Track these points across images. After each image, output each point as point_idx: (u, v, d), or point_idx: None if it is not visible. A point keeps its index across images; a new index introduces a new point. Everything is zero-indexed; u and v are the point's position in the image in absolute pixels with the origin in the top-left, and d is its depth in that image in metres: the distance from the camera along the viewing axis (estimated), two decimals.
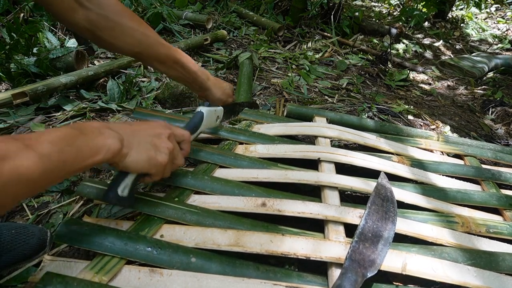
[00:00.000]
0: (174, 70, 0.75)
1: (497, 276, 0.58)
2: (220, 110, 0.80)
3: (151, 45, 0.69)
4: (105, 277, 0.49)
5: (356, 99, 1.48)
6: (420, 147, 1.01)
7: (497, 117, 1.54)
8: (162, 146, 0.53)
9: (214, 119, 0.78)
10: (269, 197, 0.69)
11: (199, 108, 0.73)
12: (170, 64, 0.73)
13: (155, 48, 0.70)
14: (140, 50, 0.68)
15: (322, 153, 0.83)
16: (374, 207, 0.67)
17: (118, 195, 0.52)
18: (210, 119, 0.75)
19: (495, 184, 0.89)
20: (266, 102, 1.35)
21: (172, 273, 0.51)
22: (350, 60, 1.99)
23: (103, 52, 1.54)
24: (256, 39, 2.13)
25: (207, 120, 0.73)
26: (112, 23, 0.63)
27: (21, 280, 0.57)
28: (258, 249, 0.56)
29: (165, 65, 0.73)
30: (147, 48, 0.69)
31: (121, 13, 0.64)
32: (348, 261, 0.55)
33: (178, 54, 0.74)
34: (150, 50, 0.69)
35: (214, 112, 0.76)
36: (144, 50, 0.69)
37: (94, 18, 0.60)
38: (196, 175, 0.72)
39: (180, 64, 0.75)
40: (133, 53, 0.69)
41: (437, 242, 0.64)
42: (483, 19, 3.99)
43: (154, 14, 1.80)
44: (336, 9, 2.39)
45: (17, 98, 1.00)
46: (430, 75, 2.02)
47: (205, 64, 1.65)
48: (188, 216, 0.61)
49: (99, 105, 1.09)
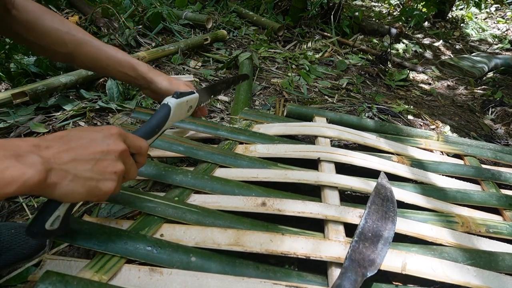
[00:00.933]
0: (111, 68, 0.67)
1: (497, 276, 0.58)
2: (193, 98, 0.65)
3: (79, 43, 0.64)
4: (105, 276, 0.49)
5: (356, 99, 1.48)
6: (420, 147, 1.02)
7: (497, 117, 1.54)
8: (108, 172, 0.43)
9: (185, 110, 0.64)
10: (269, 196, 0.69)
11: (166, 99, 0.59)
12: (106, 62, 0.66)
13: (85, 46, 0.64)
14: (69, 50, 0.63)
15: (322, 153, 0.83)
16: (374, 207, 0.67)
17: (45, 229, 0.43)
18: (179, 112, 0.62)
19: (495, 184, 0.89)
20: (266, 102, 1.35)
21: (172, 272, 0.51)
22: (350, 60, 2.00)
23: None
24: (256, 39, 2.13)
25: (175, 114, 0.60)
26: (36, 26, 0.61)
27: (21, 279, 0.57)
28: (258, 248, 0.56)
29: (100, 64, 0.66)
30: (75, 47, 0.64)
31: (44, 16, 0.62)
32: (348, 260, 0.55)
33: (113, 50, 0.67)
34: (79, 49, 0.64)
35: (186, 102, 0.63)
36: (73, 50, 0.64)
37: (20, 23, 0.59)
38: (196, 174, 0.72)
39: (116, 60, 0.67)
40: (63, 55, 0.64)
41: (437, 242, 0.64)
42: (483, 19, 3.99)
43: (154, 14, 1.80)
44: (336, 9, 2.39)
45: (17, 97, 1.00)
46: (430, 75, 2.02)
47: (205, 64, 1.65)
48: (188, 216, 0.61)
49: (99, 105, 1.09)
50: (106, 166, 0.42)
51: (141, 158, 0.51)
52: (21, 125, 0.96)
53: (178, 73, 1.48)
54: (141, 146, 0.50)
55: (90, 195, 0.42)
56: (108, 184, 0.43)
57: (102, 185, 0.42)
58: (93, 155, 0.42)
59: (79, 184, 0.40)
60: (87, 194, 0.41)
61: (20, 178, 0.34)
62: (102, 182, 0.42)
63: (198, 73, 1.52)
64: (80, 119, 1.04)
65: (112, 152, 0.43)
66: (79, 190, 0.40)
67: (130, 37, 1.63)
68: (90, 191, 0.41)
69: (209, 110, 1.21)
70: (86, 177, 0.41)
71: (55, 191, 0.38)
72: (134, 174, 0.50)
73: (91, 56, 0.65)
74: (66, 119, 1.02)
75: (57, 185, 0.38)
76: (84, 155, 0.41)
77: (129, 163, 0.47)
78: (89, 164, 0.41)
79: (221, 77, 1.52)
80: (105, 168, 0.42)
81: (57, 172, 0.38)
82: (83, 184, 0.40)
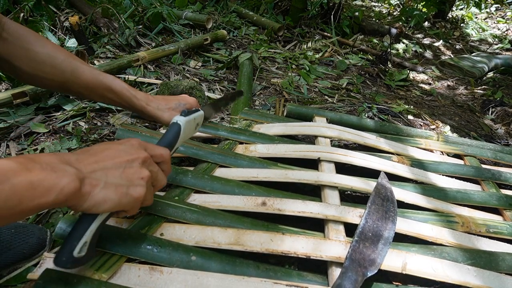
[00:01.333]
0: (107, 98, 0.66)
1: (497, 276, 0.58)
2: (199, 116, 0.66)
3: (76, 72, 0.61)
4: (105, 275, 0.49)
5: (356, 99, 1.48)
6: (420, 147, 1.02)
7: (497, 117, 1.54)
8: (136, 178, 0.44)
9: (193, 128, 0.64)
10: (269, 196, 0.69)
11: (175, 118, 0.59)
12: (101, 92, 0.64)
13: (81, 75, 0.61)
14: (65, 79, 0.60)
15: (322, 152, 0.83)
16: (374, 207, 0.67)
17: (73, 257, 0.42)
18: (189, 130, 0.62)
19: (495, 184, 0.89)
20: (266, 102, 1.35)
21: (172, 271, 0.51)
22: (350, 60, 2.00)
23: (103, 52, 1.54)
24: (256, 39, 2.13)
25: (185, 132, 0.60)
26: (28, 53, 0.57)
27: (21, 279, 0.57)
28: (258, 248, 0.56)
29: (96, 93, 0.64)
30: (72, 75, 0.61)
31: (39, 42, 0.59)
32: (348, 260, 0.55)
33: (109, 79, 0.65)
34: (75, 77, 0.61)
35: (193, 120, 0.63)
36: (70, 79, 0.61)
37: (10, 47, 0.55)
38: (196, 174, 0.72)
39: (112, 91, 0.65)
40: (57, 84, 0.61)
41: (437, 241, 0.64)
42: (483, 19, 3.99)
43: (154, 14, 1.80)
44: (336, 9, 2.39)
45: (17, 97, 1.00)
46: (430, 75, 2.02)
47: (205, 64, 1.65)
48: (188, 215, 0.61)
49: (99, 105, 1.09)
50: (133, 173, 0.44)
51: (166, 166, 0.52)
52: (21, 125, 0.96)
53: (178, 73, 1.48)
54: (162, 153, 0.51)
55: (123, 202, 0.43)
56: (138, 189, 0.44)
57: (133, 191, 0.44)
58: (120, 164, 0.43)
59: (110, 191, 0.41)
60: (119, 201, 0.42)
61: (57, 187, 0.35)
62: (132, 188, 0.44)
63: (198, 73, 1.52)
64: (80, 119, 1.04)
65: (136, 159, 0.45)
66: (111, 197, 0.41)
67: (130, 37, 1.63)
68: (122, 197, 0.42)
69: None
70: (117, 184, 0.42)
71: (89, 200, 0.39)
72: (163, 181, 0.51)
73: (89, 85, 0.63)
74: (66, 119, 1.02)
75: (90, 193, 0.39)
76: (111, 165, 0.43)
77: (154, 170, 0.49)
78: (117, 172, 0.43)
79: (221, 77, 1.52)
80: (132, 175, 0.44)
81: (90, 181, 0.39)
82: (114, 191, 0.42)
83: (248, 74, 1.39)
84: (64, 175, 0.36)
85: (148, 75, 1.41)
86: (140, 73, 1.38)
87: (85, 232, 0.42)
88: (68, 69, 0.60)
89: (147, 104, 0.68)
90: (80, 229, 0.42)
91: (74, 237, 0.42)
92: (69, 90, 0.63)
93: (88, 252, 0.44)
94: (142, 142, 0.49)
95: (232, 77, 1.53)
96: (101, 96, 0.65)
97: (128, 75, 1.34)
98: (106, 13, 1.71)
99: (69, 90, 0.63)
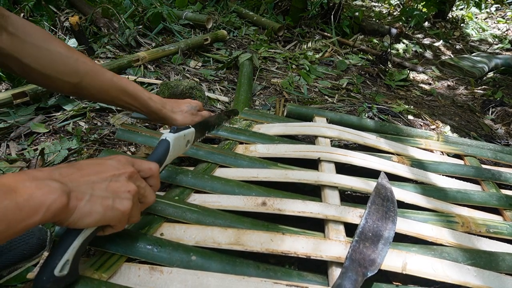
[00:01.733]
0: (121, 101, 0.64)
1: (497, 276, 0.58)
2: (190, 133, 0.63)
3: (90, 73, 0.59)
4: (105, 274, 0.49)
5: (356, 99, 1.48)
6: (420, 147, 1.02)
7: (497, 117, 1.54)
8: (122, 191, 0.43)
9: (183, 144, 0.62)
10: (269, 196, 0.69)
11: (164, 135, 0.57)
12: (115, 94, 0.63)
13: (95, 76, 0.59)
14: (79, 80, 0.58)
15: (322, 153, 0.83)
16: (374, 207, 0.67)
17: (54, 276, 0.40)
18: (179, 147, 0.60)
19: (495, 184, 0.89)
20: (266, 102, 1.35)
21: (172, 271, 0.51)
22: (350, 60, 2.00)
23: (103, 52, 1.54)
24: (256, 39, 2.13)
25: (175, 149, 0.58)
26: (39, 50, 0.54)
27: (21, 280, 0.57)
28: (259, 248, 0.56)
29: (109, 95, 0.63)
30: (86, 76, 0.58)
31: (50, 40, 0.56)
32: (349, 260, 0.55)
33: (124, 81, 0.64)
34: (89, 78, 0.59)
35: (183, 137, 0.61)
36: (83, 80, 0.58)
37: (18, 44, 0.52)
38: (197, 174, 0.72)
39: (127, 93, 0.64)
40: (70, 86, 0.58)
41: (437, 242, 0.64)
42: (483, 19, 3.99)
43: (154, 14, 1.80)
44: (336, 9, 2.39)
45: (17, 98, 1.00)
46: (430, 75, 2.02)
47: (205, 64, 1.65)
48: (189, 215, 0.61)
49: (99, 105, 1.09)
50: (119, 186, 0.43)
51: (154, 181, 0.51)
52: (21, 125, 0.96)
53: (178, 73, 1.48)
54: (150, 167, 0.50)
55: (108, 215, 0.41)
56: (124, 203, 0.43)
57: (119, 204, 0.43)
58: (105, 178, 0.43)
59: (97, 204, 0.40)
60: (104, 214, 0.41)
61: (44, 205, 0.34)
62: (118, 201, 0.43)
63: (198, 73, 1.52)
64: (80, 119, 1.04)
65: (122, 174, 0.44)
66: (97, 210, 0.40)
67: (130, 37, 1.63)
68: (108, 210, 0.41)
69: (210, 110, 1.21)
70: (103, 196, 0.41)
71: (75, 214, 0.38)
72: (151, 197, 0.50)
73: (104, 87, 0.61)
74: (66, 119, 1.02)
75: (76, 207, 0.38)
76: (97, 178, 0.42)
77: (141, 185, 0.48)
78: (103, 185, 0.42)
79: (221, 77, 1.52)
80: (118, 188, 0.43)
81: (75, 194, 0.38)
82: (100, 204, 0.41)
83: (248, 74, 1.39)
84: (50, 191, 0.35)
85: (148, 75, 1.41)
86: (140, 73, 1.38)
87: (67, 250, 0.41)
88: (82, 70, 0.58)
89: (162, 107, 0.68)
90: (62, 247, 0.41)
91: (56, 255, 0.40)
92: (81, 91, 0.60)
93: (71, 271, 0.42)
94: (130, 158, 0.48)
95: (232, 77, 1.53)
96: (115, 98, 0.63)
97: (128, 75, 1.34)
98: (106, 13, 1.71)
99: (81, 92, 0.61)
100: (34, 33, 0.54)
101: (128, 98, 0.64)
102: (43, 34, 0.55)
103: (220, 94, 1.36)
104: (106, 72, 0.61)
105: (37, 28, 0.55)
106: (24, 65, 0.53)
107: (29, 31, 0.53)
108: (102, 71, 0.61)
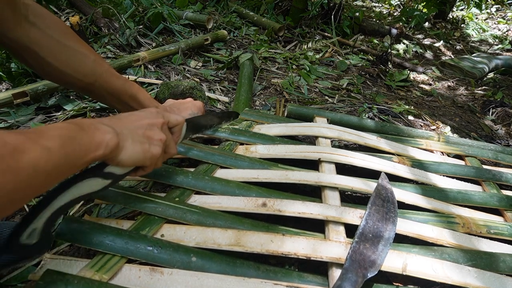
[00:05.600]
0: (129, 107, 0.66)
1: (498, 277, 0.58)
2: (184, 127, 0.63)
3: (105, 75, 0.60)
4: (106, 276, 0.49)
5: (357, 99, 1.48)
6: (420, 147, 1.01)
7: (497, 117, 1.54)
8: (155, 138, 0.50)
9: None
10: (269, 197, 0.69)
11: None
12: (125, 99, 0.64)
13: (109, 79, 0.61)
14: (93, 81, 0.59)
15: (323, 153, 0.83)
16: (374, 208, 0.66)
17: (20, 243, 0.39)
18: None
19: (495, 184, 0.89)
20: (266, 102, 1.35)
21: (173, 272, 0.51)
22: (351, 60, 2.00)
23: (104, 52, 1.54)
24: (257, 39, 2.13)
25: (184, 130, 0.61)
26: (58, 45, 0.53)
27: (22, 279, 0.57)
28: (259, 249, 0.56)
29: (118, 100, 0.64)
30: (100, 78, 0.59)
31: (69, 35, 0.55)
32: (349, 261, 0.55)
33: (135, 88, 0.65)
34: (103, 81, 0.60)
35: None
36: (97, 81, 0.59)
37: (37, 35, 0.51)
38: (197, 175, 0.72)
39: (136, 100, 0.65)
40: (83, 84, 0.59)
41: (438, 242, 0.64)
42: (483, 19, 3.99)
43: (155, 14, 1.80)
44: (337, 9, 2.39)
45: (17, 97, 1.00)
46: (431, 75, 2.02)
47: (206, 64, 1.65)
48: (189, 216, 0.61)
49: (99, 105, 1.09)
50: (153, 134, 0.50)
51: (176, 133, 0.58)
52: (21, 125, 0.96)
53: (179, 73, 1.48)
54: (177, 119, 0.57)
55: (146, 156, 0.49)
56: (157, 148, 0.50)
57: (153, 149, 0.50)
58: (141, 126, 0.49)
59: (137, 146, 0.47)
60: (144, 155, 0.48)
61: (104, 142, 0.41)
62: (152, 146, 0.50)
63: (198, 73, 1.52)
64: (80, 119, 1.04)
65: (155, 124, 0.52)
66: (138, 150, 0.47)
67: (130, 37, 1.63)
68: (145, 152, 0.48)
69: (210, 111, 1.21)
70: (141, 141, 0.48)
71: (122, 152, 0.45)
72: (173, 149, 0.57)
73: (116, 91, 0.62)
74: (66, 119, 1.02)
75: (124, 147, 0.45)
76: (134, 126, 0.49)
77: (168, 136, 0.55)
78: (140, 131, 0.49)
79: (222, 77, 1.51)
80: (152, 135, 0.50)
81: (122, 136, 0.45)
82: (140, 146, 0.48)
83: (249, 74, 1.39)
84: (106, 131, 0.42)
85: (148, 75, 1.41)
86: (141, 73, 1.38)
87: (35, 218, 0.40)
88: (98, 71, 0.59)
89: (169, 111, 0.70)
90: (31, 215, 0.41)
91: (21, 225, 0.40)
92: (92, 91, 0.61)
93: (41, 239, 0.41)
94: (160, 110, 0.55)
95: (232, 77, 1.53)
96: (124, 103, 0.65)
97: (129, 75, 1.34)
98: (106, 13, 1.71)
99: (92, 92, 0.62)
100: (54, 25, 0.54)
101: (136, 105, 0.67)
102: (63, 28, 0.55)
103: (221, 94, 1.36)
104: (120, 77, 0.63)
105: (57, 20, 0.55)
106: (41, 58, 0.53)
107: (49, 23, 0.53)
108: (116, 76, 0.63)
